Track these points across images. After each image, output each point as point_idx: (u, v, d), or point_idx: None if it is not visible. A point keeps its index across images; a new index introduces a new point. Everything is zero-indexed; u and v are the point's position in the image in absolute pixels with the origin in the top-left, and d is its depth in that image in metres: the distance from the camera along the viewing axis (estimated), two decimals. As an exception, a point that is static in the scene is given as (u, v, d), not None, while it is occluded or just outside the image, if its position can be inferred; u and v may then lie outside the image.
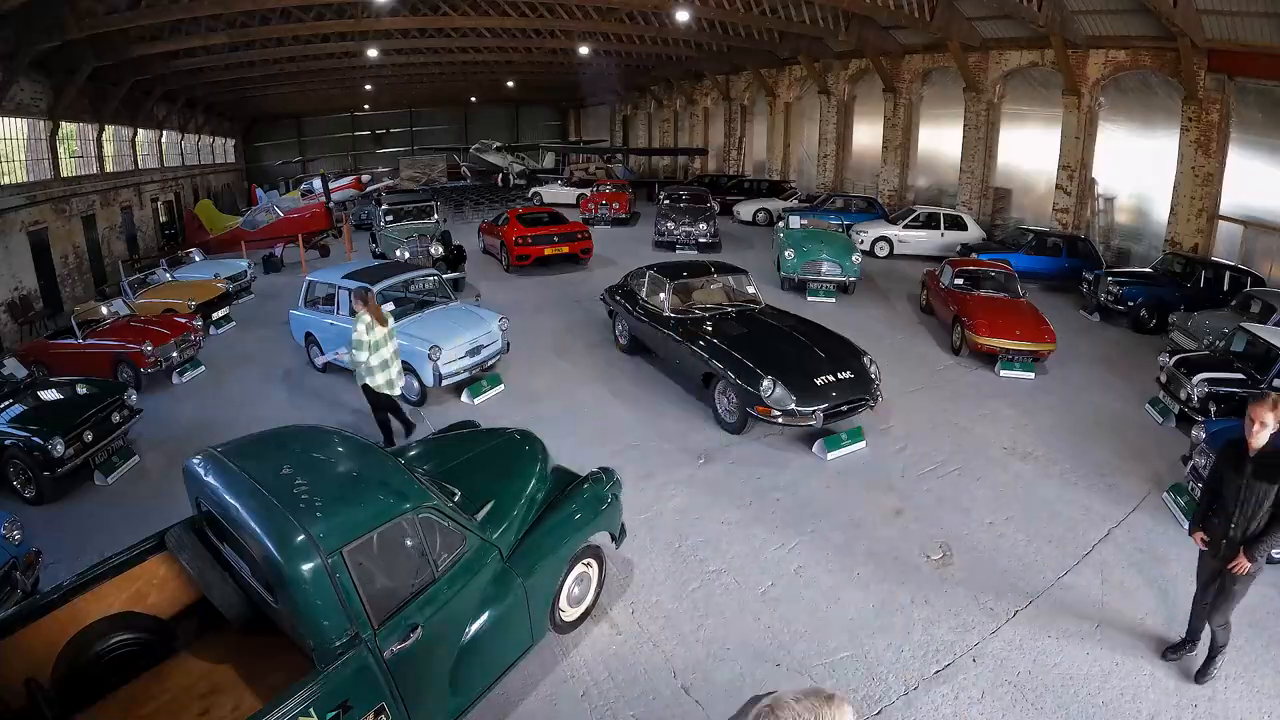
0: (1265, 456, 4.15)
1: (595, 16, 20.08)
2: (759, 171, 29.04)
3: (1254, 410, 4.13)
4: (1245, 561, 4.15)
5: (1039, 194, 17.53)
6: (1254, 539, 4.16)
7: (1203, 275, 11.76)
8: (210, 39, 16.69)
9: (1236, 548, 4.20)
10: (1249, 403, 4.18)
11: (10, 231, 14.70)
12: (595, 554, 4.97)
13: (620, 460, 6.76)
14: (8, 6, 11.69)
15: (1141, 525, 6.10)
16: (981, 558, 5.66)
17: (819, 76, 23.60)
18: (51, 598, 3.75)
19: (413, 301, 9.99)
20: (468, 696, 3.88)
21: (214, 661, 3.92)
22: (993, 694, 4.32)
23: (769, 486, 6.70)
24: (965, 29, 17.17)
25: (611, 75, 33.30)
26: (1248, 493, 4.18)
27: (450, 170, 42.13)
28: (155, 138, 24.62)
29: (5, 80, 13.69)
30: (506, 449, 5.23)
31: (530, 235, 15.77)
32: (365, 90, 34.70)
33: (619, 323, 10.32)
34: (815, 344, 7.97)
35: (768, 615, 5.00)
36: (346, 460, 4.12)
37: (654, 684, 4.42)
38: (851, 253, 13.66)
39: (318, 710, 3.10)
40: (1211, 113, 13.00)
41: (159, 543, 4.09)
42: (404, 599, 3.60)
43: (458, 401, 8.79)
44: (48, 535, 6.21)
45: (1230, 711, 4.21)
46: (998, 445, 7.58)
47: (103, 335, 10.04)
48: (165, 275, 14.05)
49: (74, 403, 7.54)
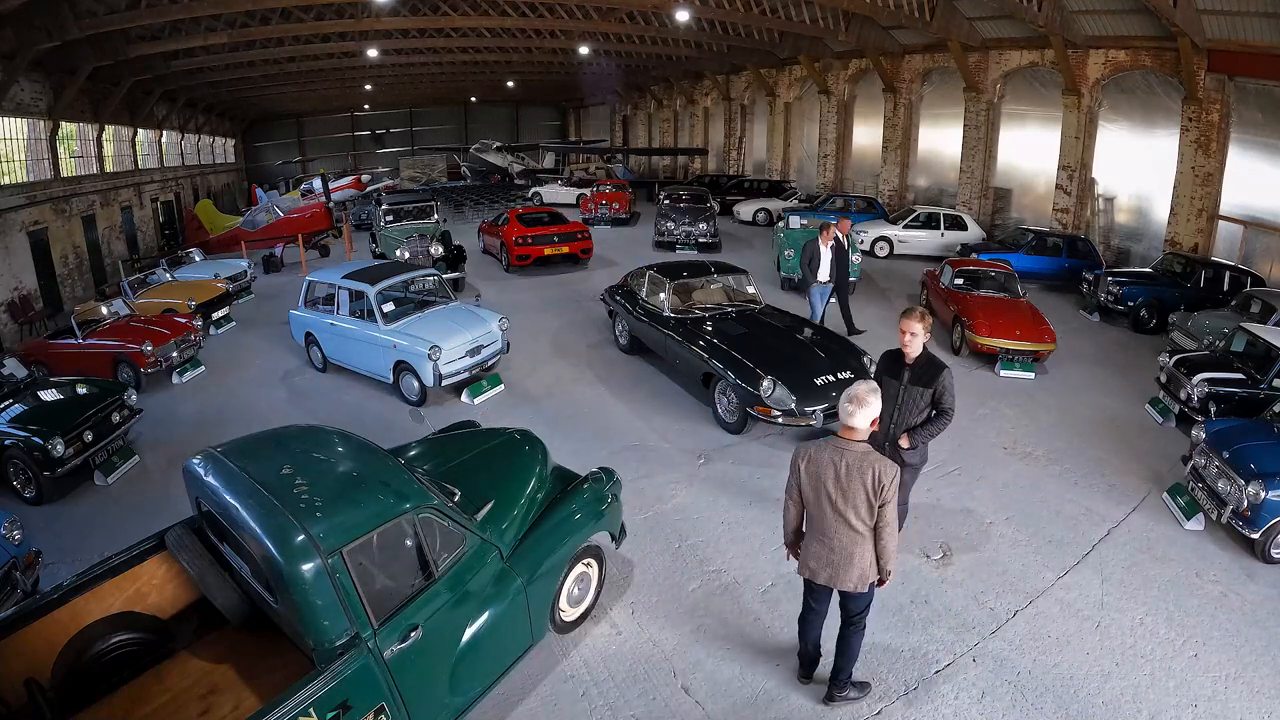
0: (920, 365, 4.83)
1: (595, 16, 20.07)
2: (759, 171, 29.04)
3: (905, 323, 4.75)
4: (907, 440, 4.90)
5: (1039, 194, 17.54)
6: (915, 429, 4.91)
7: (1203, 275, 11.76)
8: (210, 39, 16.68)
9: (895, 443, 4.91)
10: (902, 316, 4.83)
11: (10, 231, 14.70)
12: (595, 554, 4.97)
13: (620, 460, 6.77)
14: (8, 6, 11.69)
15: (1141, 525, 6.10)
16: (981, 558, 5.66)
17: (819, 76, 23.60)
18: (51, 598, 3.75)
19: (413, 301, 9.99)
20: (468, 696, 3.88)
21: (214, 661, 3.92)
22: (993, 694, 4.32)
23: (769, 486, 6.70)
24: (965, 29, 17.17)
25: (611, 75, 33.32)
26: (905, 396, 4.85)
27: (450, 170, 42.12)
28: (155, 138, 24.63)
29: (5, 80, 13.69)
30: (506, 449, 5.23)
31: (530, 235, 15.77)
32: (365, 90, 34.70)
33: (619, 323, 10.32)
34: (815, 344, 7.97)
35: (768, 615, 5.00)
36: (346, 460, 4.12)
37: (654, 684, 4.42)
38: (852, 253, 13.64)
39: (318, 710, 3.10)
40: (1211, 113, 13.00)
41: (159, 543, 4.09)
42: (404, 599, 3.60)
43: (458, 401, 8.79)
44: (48, 535, 6.22)
45: (1230, 711, 4.20)
46: (998, 445, 7.58)
47: (103, 335, 10.03)
48: (165, 275, 14.04)
49: (74, 403, 7.53)
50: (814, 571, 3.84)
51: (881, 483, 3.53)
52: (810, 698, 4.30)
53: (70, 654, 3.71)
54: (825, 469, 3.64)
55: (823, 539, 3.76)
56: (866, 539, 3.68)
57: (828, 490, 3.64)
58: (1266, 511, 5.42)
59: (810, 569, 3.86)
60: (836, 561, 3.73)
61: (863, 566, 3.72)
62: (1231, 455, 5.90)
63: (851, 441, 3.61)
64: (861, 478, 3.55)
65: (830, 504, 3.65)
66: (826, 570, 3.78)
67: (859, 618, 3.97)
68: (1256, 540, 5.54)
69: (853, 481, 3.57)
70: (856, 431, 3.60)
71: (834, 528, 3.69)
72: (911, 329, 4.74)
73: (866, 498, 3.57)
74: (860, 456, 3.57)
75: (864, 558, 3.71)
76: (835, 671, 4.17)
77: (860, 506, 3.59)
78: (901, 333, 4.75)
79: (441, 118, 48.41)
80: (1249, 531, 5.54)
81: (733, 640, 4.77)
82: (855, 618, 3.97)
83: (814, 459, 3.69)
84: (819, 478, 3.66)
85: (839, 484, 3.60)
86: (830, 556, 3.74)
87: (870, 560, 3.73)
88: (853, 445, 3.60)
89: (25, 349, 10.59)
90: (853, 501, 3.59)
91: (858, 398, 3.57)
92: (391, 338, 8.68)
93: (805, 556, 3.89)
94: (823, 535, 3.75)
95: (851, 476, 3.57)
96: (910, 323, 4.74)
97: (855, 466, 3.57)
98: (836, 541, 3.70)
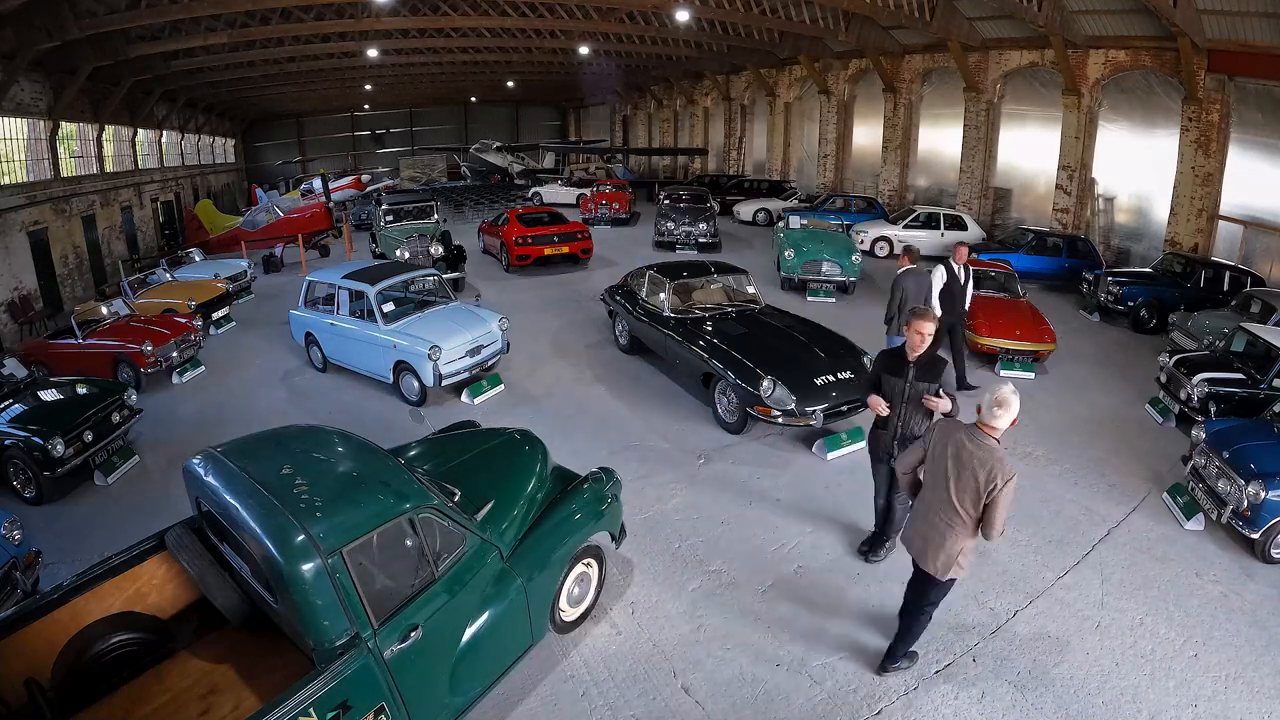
0: (923, 362, 4.90)
1: (595, 16, 20.07)
2: (759, 171, 29.04)
3: (918, 324, 4.83)
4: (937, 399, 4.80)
5: (1039, 194, 17.53)
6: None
7: (1203, 275, 11.75)
8: (210, 39, 16.68)
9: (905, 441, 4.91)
10: (914, 316, 4.91)
11: (10, 231, 14.70)
12: (595, 554, 4.97)
13: (620, 460, 6.77)
14: (8, 6, 11.69)
15: (1141, 525, 6.10)
16: (981, 558, 5.65)
17: (819, 76, 23.60)
18: (51, 598, 3.75)
19: (413, 301, 9.99)
20: (468, 696, 3.88)
21: (214, 661, 3.92)
22: (993, 694, 4.32)
23: (769, 486, 6.70)
24: (965, 29, 17.17)
25: (611, 75, 33.32)
26: (911, 392, 4.89)
27: (450, 170, 42.12)
28: (155, 138, 24.62)
29: (5, 80, 13.69)
30: (506, 449, 5.23)
31: (530, 235, 15.77)
32: (365, 90, 34.69)
33: (619, 323, 10.32)
34: (815, 344, 7.96)
35: (768, 615, 5.00)
36: (346, 460, 4.12)
37: (654, 684, 4.42)
38: (851, 253, 13.66)
39: (318, 710, 3.10)
40: (1211, 113, 13.00)
41: (159, 543, 4.09)
42: (404, 599, 3.60)
43: (458, 401, 8.79)
44: (48, 535, 6.22)
45: (1230, 711, 4.20)
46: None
47: (103, 335, 10.03)
48: (165, 275, 14.04)
49: (74, 403, 7.53)
50: (909, 540, 4.14)
51: (994, 482, 3.65)
52: (810, 698, 4.30)
53: (70, 654, 3.71)
54: (953, 448, 3.82)
55: (926, 513, 3.99)
56: (962, 530, 3.81)
57: (946, 468, 3.83)
58: (1266, 511, 5.42)
59: (907, 537, 4.17)
60: (929, 538, 3.93)
61: (950, 554, 3.87)
62: (1231, 455, 5.91)
63: (987, 436, 3.74)
64: (979, 469, 3.69)
65: (945, 481, 3.83)
66: (919, 543, 4.03)
67: (930, 607, 4.21)
68: (1256, 540, 5.54)
69: (969, 470, 3.73)
70: (995, 430, 3.73)
71: (939, 505, 3.87)
72: (925, 329, 4.84)
73: (976, 489, 3.71)
74: (988, 451, 3.71)
75: (954, 545, 3.85)
76: (891, 649, 4.44)
77: (967, 494, 3.74)
78: (916, 333, 4.85)
79: (441, 118, 48.41)
80: (1249, 531, 5.54)
81: (733, 640, 4.77)
82: (926, 606, 4.21)
83: (948, 435, 3.89)
84: (944, 454, 3.85)
85: (958, 466, 3.78)
86: (927, 532, 3.95)
87: (959, 552, 3.86)
88: (987, 440, 3.73)
89: (25, 349, 10.59)
90: (964, 487, 3.75)
91: (1003, 400, 3.69)
92: (391, 338, 8.68)
93: (908, 524, 4.19)
94: (927, 509, 3.97)
95: (971, 465, 3.72)
96: (924, 323, 4.84)
97: (979, 458, 3.71)
98: (936, 519, 3.89)
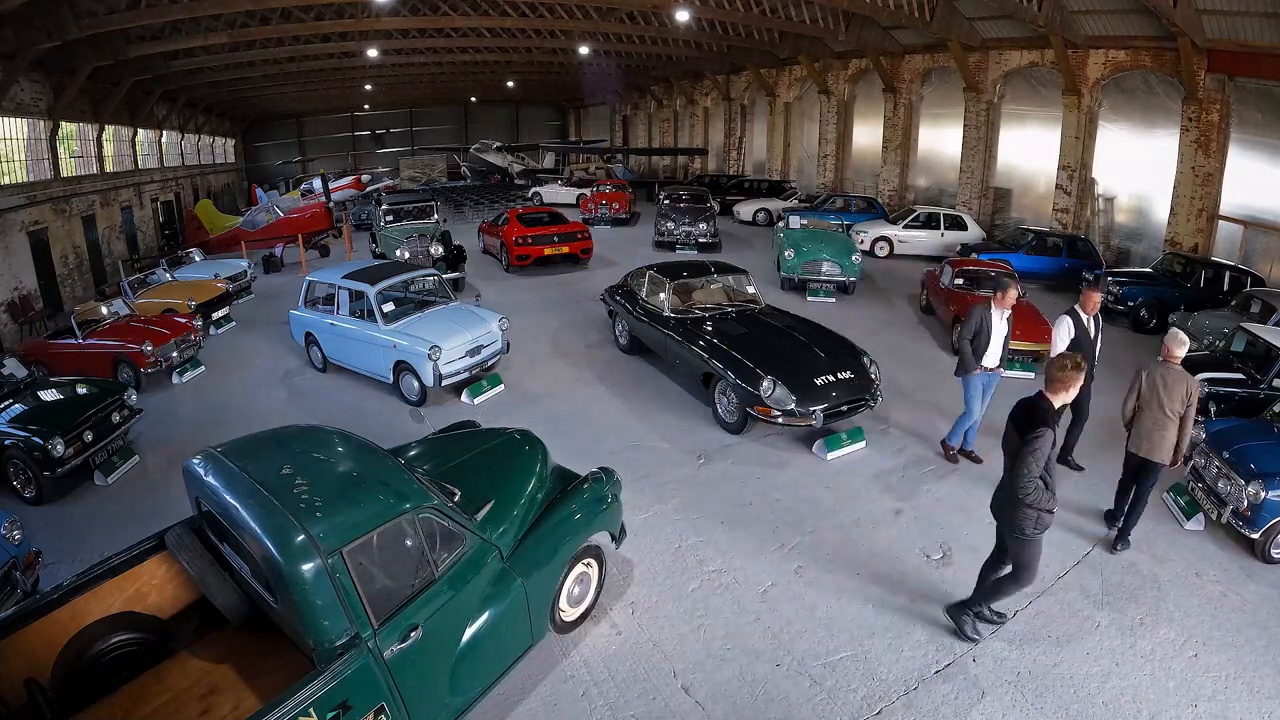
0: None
1: (595, 16, 20.07)
2: (759, 171, 29.05)
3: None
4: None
5: (1039, 194, 17.54)
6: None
7: (1203, 275, 11.76)
8: (210, 39, 16.68)
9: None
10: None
11: (10, 231, 14.70)
12: (595, 554, 4.97)
13: (620, 460, 6.76)
14: (7, 6, 11.68)
15: (1142, 525, 6.06)
16: (981, 558, 5.59)
17: (819, 76, 23.60)
18: (51, 598, 3.75)
19: (413, 301, 9.99)
20: (468, 696, 3.88)
21: (214, 661, 3.92)
22: (993, 694, 4.32)
23: (769, 486, 6.70)
24: (965, 29, 17.17)
25: (611, 75, 33.29)
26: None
27: (450, 170, 42.12)
28: (155, 138, 24.62)
29: (5, 80, 13.69)
30: (506, 449, 5.23)
31: (530, 235, 15.77)
32: (365, 90, 34.70)
33: (619, 323, 10.32)
34: (815, 344, 7.96)
35: (768, 615, 5.00)
36: (346, 460, 4.12)
37: (654, 684, 4.42)
38: (851, 253, 13.66)
39: (318, 710, 3.10)
40: (1211, 113, 13.00)
41: (159, 543, 4.09)
42: (404, 599, 3.60)
43: (458, 401, 8.79)
44: (48, 535, 6.22)
45: (1230, 711, 4.21)
46: (998, 445, 7.53)
47: (103, 335, 10.03)
48: (165, 275, 14.04)
49: (74, 403, 7.53)
50: (1136, 444, 5.59)
51: (1190, 393, 5.41)
52: (810, 698, 4.30)
53: (70, 654, 3.71)
54: (1160, 379, 5.48)
55: (1149, 426, 5.51)
56: (1172, 428, 5.42)
57: (1159, 393, 5.45)
58: (1266, 511, 5.42)
59: (1134, 442, 5.61)
60: (1155, 438, 5.46)
61: (1167, 445, 5.46)
62: (1231, 455, 5.91)
63: (1175, 365, 5.50)
64: (1177, 386, 5.42)
65: (1159, 401, 5.44)
66: (1146, 444, 5.51)
67: (1152, 487, 5.65)
68: (1256, 540, 5.54)
69: (1173, 389, 5.41)
70: (1177, 358, 5.50)
71: (1156, 416, 5.46)
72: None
73: (1183, 397, 5.41)
74: (1179, 374, 5.46)
75: (1170, 438, 5.45)
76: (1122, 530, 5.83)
77: (1176, 404, 5.40)
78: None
79: (441, 118, 48.41)
80: (1249, 531, 5.54)
81: (733, 640, 4.77)
82: (1149, 486, 5.63)
83: (1152, 373, 5.55)
84: (1154, 385, 5.49)
85: (1166, 389, 5.43)
86: (1153, 435, 5.47)
87: (1172, 443, 5.45)
88: (1174, 367, 5.49)
89: (25, 349, 10.60)
90: (1173, 400, 5.40)
91: (1177, 337, 5.56)
92: (391, 338, 8.68)
93: (1135, 434, 5.61)
94: (1151, 422, 5.49)
95: (1173, 386, 5.42)
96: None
97: (1176, 378, 5.44)
98: (1155, 426, 5.47)
